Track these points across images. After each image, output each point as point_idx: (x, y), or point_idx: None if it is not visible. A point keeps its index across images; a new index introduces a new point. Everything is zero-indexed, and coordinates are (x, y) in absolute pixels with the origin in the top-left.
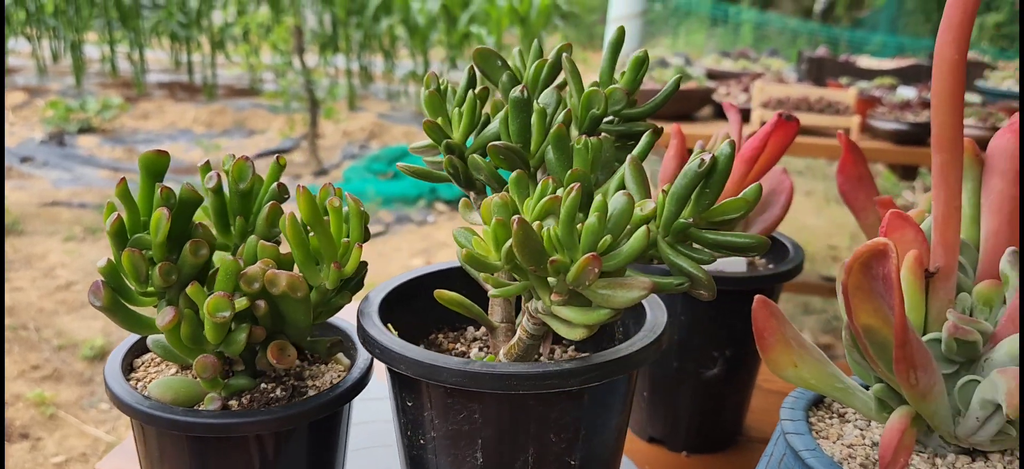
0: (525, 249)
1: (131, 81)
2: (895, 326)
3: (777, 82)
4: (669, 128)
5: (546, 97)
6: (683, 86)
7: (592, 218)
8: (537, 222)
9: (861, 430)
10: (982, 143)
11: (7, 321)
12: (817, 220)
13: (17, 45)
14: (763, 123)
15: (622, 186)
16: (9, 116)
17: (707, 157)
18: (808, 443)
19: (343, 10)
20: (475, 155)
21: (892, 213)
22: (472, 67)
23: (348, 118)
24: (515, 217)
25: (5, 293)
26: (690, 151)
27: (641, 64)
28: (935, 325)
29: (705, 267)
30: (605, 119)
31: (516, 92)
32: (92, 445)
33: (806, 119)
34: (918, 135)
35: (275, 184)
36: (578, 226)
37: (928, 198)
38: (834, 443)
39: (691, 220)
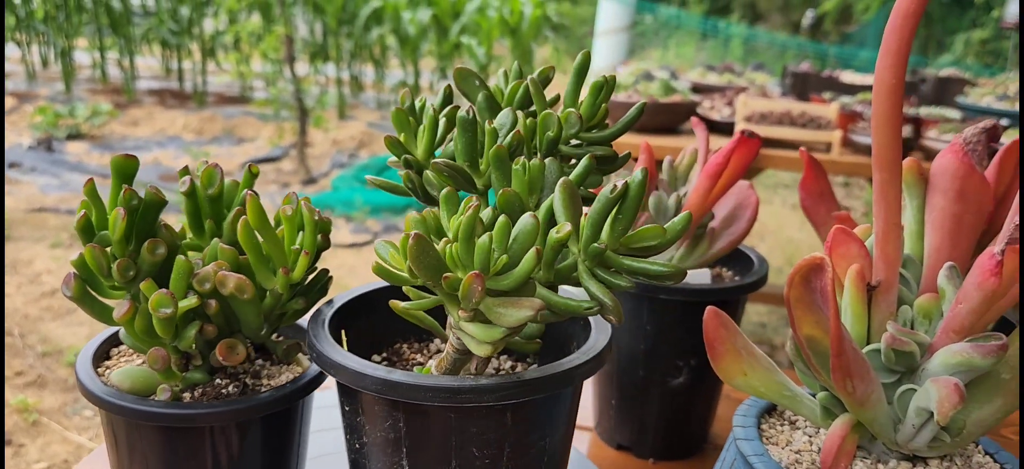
0: (420, 264)
1: (121, 88)
2: (831, 337)
3: (761, 96)
4: (641, 143)
5: (503, 117)
6: (668, 99)
7: (484, 238)
8: (445, 239)
9: (809, 437)
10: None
11: None
12: (801, 234)
13: (7, 50)
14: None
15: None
16: None
17: (620, 183)
18: (757, 449)
19: (334, 19)
20: (428, 171)
21: (837, 229)
22: (449, 86)
23: (338, 127)
24: (412, 233)
25: (5, 294)
26: (660, 165)
27: (601, 89)
28: (877, 336)
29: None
30: (573, 141)
31: (462, 112)
32: (75, 452)
33: (788, 134)
34: None
35: (246, 191)
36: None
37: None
38: (783, 449)
39: (604, 246)
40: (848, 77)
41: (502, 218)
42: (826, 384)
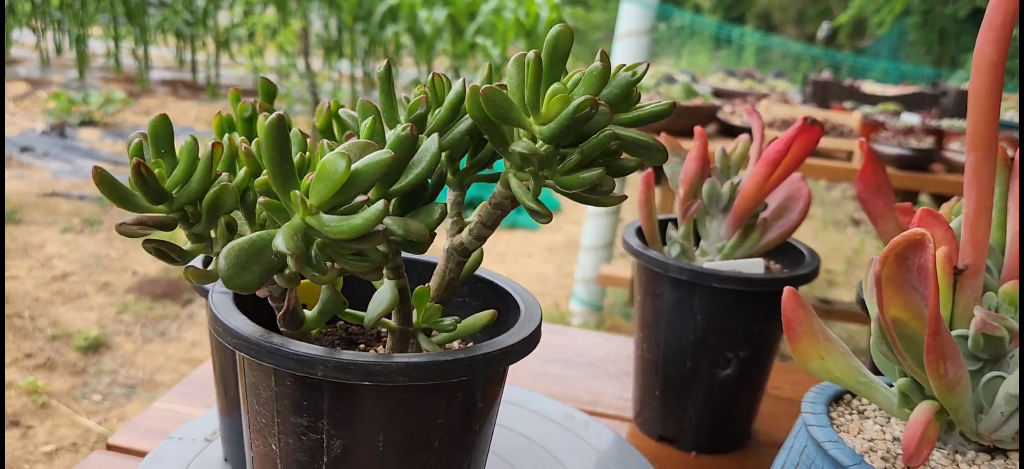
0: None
1: (134, 77)
2: (928, 316)
3: (782, 103)
4: (695, 129)
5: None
6: (690, 103)
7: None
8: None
9: (881, 426)
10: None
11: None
12: (814, 243)
13: (21, 36)
14: (767, 143)
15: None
16: (10, 106)
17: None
18: (830, 435)
19: (350, 16)
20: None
21: (923, 211)
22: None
23: None
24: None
25: (5, 285)
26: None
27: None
28: (961, 322)
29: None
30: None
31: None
32: (83, 435)
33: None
34: (920, 161)
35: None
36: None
37: (951, 203)
38: (855, 437)
39: None
40: (869, 87)
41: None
42: (909, 369)
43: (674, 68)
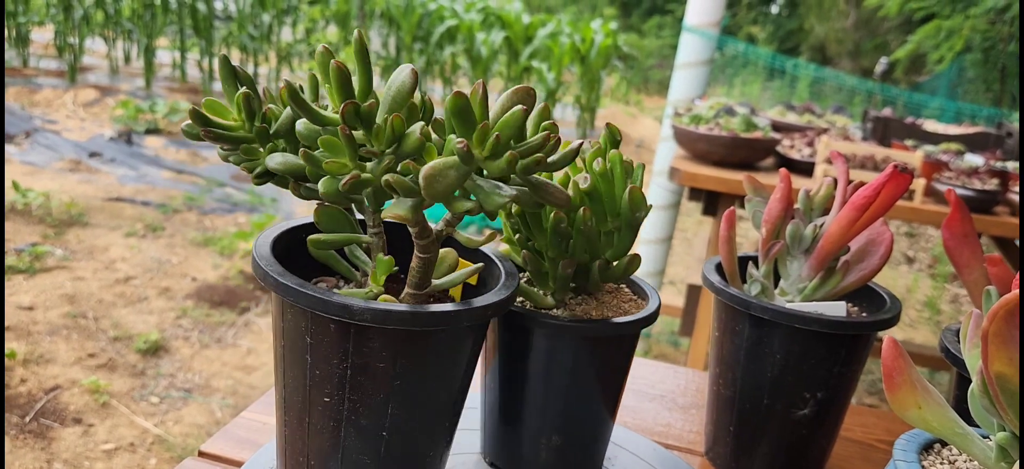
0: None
1: (199, 87)
2: None
3: (842, 139)
4: (780, 171)
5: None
6: (749, 135)
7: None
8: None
9: None
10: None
11: (68, 309)
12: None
13: (93, 45)
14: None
15: None
16: (80, 112)
17: None
18: None
19: (409, 35)
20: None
21: None
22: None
23: None
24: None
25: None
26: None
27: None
28: None
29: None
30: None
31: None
32: (140, 436)
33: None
34: (984, 203)
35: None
36: None
37: None
38: None
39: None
40: (931, 126)
41: None
42: (1009, 424)
43: (727, 98)
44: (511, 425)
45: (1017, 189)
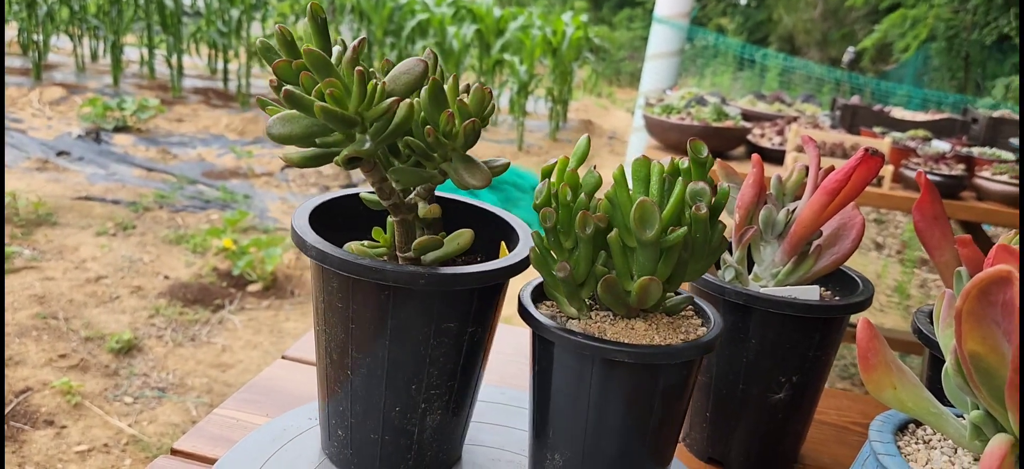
0: None
1: (167, 84)
2: (1013, 352)
3: (812, 126)
4: (753, 157)
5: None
6: (720, 124)
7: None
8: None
9: (948, 457)
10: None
11: (37, 310)
12: None
13: (59, 42)
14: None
15: None
16: (47, 110)
17: None
18: (901, 464)
19: (380, 29)
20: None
21: (998, 246)
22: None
23: None
24: None
25: (5, 291)
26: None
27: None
28: None
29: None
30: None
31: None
32: (115, 437)
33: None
34: (951, 188)
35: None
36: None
37: (1011, 235)
38: (923, 466)
39: None
40: (898, 113)
41: None
42: (983, 403)
43: (698, 88)
44: None
45: (983, 174)
